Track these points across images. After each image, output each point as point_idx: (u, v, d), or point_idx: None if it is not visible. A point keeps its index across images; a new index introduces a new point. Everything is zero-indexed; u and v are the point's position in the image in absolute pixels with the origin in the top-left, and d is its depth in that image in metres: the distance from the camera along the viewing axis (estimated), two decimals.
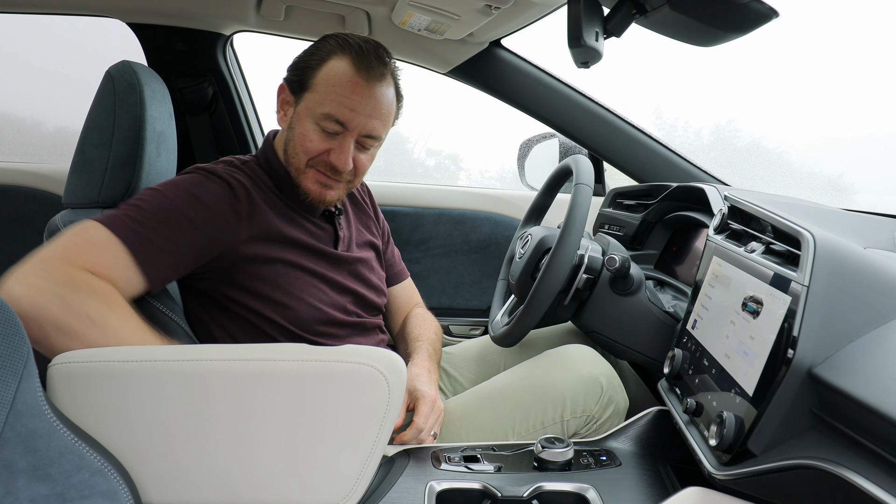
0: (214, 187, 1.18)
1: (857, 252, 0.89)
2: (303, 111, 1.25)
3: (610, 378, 1.33)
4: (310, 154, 1.25)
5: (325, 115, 1.21)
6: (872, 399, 0.69)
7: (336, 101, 1.21)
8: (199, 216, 1.14)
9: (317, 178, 1.27)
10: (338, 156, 1.24)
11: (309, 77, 1.24)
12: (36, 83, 4.27)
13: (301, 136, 1.24)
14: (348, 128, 1.23)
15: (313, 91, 1.23)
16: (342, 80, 1.21)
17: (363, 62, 1.22)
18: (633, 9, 1.02)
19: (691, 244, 1.63)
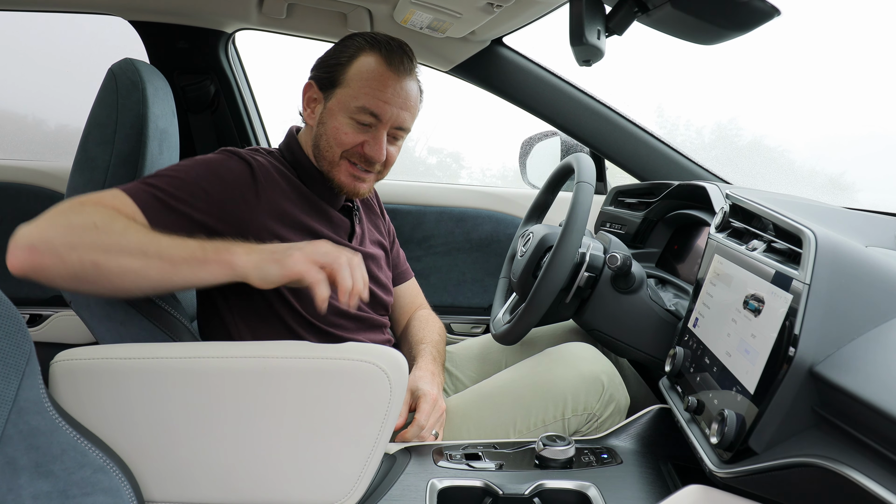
0: (235, 166, 1.20)
1: (858, 250, 0.89)
2: (335, 106, 1.28)
3: (611, 376, 1.33)
4: (344, 146, 1.28)
5: (360, 108, 1.25)
6: (873, 397, 0.69)
7: (370, 95, 1.25)
8: (215, 188, 1.15)
9: (350, 170, 1.30)
10: (372, 147, 1.28)
11: (339, 73, 1.28)
12: (38, 81, 4.28)
13: (335, 130, 1.27)
14: (382, 120, 1.26)
15: (345, 86, 1.27)
16: (375, 75, 1.26)
17: (393, 57, 1.27)
18: (635, 7, 1.02)
19: (693, 242, 1.63)
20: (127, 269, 0.94)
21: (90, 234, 0.93)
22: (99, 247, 0.93)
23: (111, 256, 0.93)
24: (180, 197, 1.11)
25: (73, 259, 0.91)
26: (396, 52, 1.28)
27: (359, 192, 1.33)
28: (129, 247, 0.94)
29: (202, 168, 1.17)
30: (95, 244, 0.93)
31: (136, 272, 0.95)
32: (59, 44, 3.59)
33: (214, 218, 1.14)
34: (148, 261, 0.95)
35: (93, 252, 0.92)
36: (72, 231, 0.93)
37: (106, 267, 0.93)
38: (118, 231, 0.96)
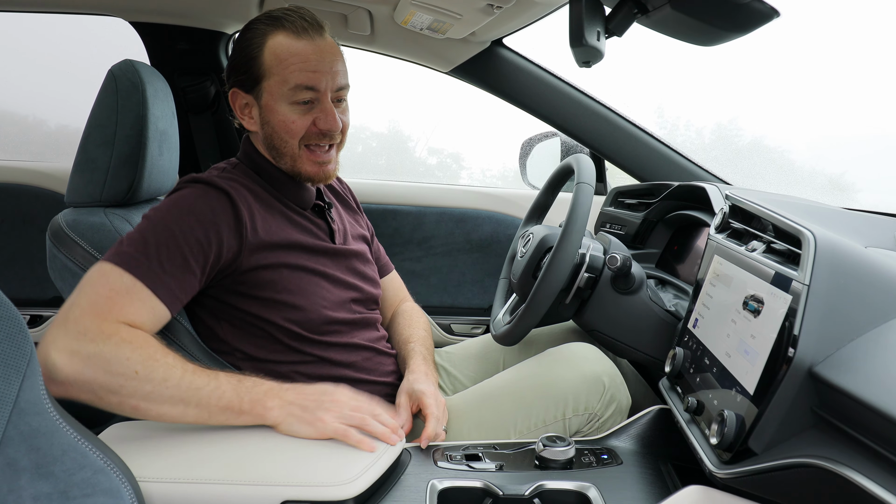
0: (214, 202, 1.18)
1: (857, 251, 0.89)
2: (269, 100, 1.25)
3: (612, 376, 1.33)
4: (298, 134, 1.26)
5: (294, 88, 1.22)
6: (873, 398, 0.69)
7: (297, 71, 1.21)
8: (204, 234, 1.14)
9: (311, 158, 1.28)
10: (325, 119, 1.25)
11: (257, 67, 1.24)
12: (38, 81, 4.28)
13: (282, 123, 1.25)
14: (320, 89, 1.23)
15: (270, 76, 1.23)
16: (291, 51, 1.22)
17: (297, 26, 1.23)
18: (635, 8, 1.02)
19: (693, 243, 1.63)
20: (164, 415, 1.00)
21: (131, 382, 0.97)
22: (139, 395, 0.98)
23: (151, 404, 0.99)
24: (177, 261, 1.11)
25: (113, 401, 0.98)
26: (298, 20, 1.24)
27: (328, 174, 1.32)
28: (169, 396, 0.99)
29: (186, 216, 1.14)
30: (136, 392, 0.97)
31: (174, 418, 1.01)
32: (60, 44, 3.60)
33: (211, 262, 1.16)
34: (186, 409, 1.00)
35: (133, 399, 0.98)
36: (112, 377, 0.96)
37: (145, 412, 0.99)
38: (158, 380, 0.98)
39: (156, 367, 0.98)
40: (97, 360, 0.96)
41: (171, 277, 1.09)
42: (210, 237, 1.14)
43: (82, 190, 1.27)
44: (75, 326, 0.98)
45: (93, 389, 0.95)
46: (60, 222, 1.22)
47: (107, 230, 1.22)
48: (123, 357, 0.97)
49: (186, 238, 1.12)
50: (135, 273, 1.06)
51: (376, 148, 6.71)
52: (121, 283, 1.05)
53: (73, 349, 0.95)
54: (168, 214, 1.14)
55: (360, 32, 1.92)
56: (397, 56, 2.09)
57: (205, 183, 1.20)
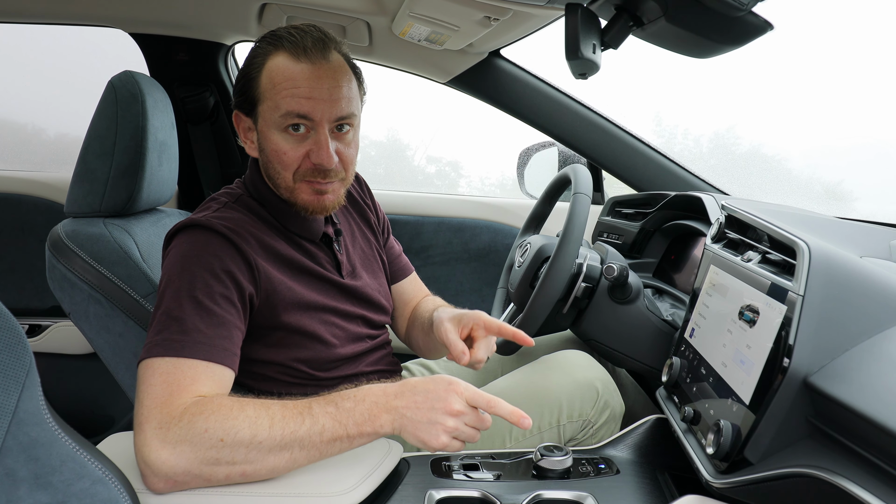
0: (217, 249, 1.09)
1: (852, 261, 0.90)
2: (263, 126, 1.16)
3: (605, 383, 1.33)
4: (291, 167, 1.15)
5: (285, 114, 1.11)
6: (867, 408, 0.69)
7: (290, 96, 1.10)
8: (224, 286, 1.07)
9: (309, 187, 1.17)
10: (318, 153, 1.13)
11: (254, 90, 1.15)
12: (37, 90, 4.29)
13: (274, 153, 1.15)
14: (314, 118, 1.12)
15: (264, 100, 1.14)
16: (286, 74, 1.11)
17: (298, 47, 1.11)
18: (631, 21, 1.03)
19: (689, 253, 1.64)
20: (277, 468, 0.94)
21: (224, 452, 0.90)
22: (240, 461, 0.91)
23: (256, 465, 0.92)
24: (217, 321, 1.04)
25: (221, 476, 0.92)
26: (302, 39, 1.12)
27: (326, 206, 1.19)
28: (269, 450, 0.92)
29: (200, 275, 1.06)
30: (235, 459, 0.91)
31: (287, 467, 0.94)
32: (59, 54, 3.61)
33: (241, 302, 1.10)
34: (293, 454, 0.93)
35: (237, 466, 0.91)
36: (203, 455, 0.90)
37: (256, 473, 0.93)
38: (248, 440, 0.91)
39: (238, 427, 0.91)
40: (181, 445, 0.89)
41: (215, 338, 1.02)
42: (229, 286, 1.08)
43: (82, 200, 1.27)
44: (149, 423, 0.92)
45: (196, 475, 0.90)
46: (60, 232, 1.23)
47: (106, 240, 1.23)
48: (201, 430, 0.90)
49: (211, 296, 1.05)
50: (179, 354, 0.98)
51: (375, 156, 6.72)
52: (172, 368, 0.97)
53: (163, 441, 0.90)
54: (180, 280, 1.05)
55: (358, 44, 1.93)
56: (395, 67, 2.10)
57: (202, 227, 1.11)
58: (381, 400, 0.97)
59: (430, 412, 0.96)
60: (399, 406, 0.96)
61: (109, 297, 1.18)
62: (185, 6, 1.86)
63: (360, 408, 0.95)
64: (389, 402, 0.96)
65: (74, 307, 1.22)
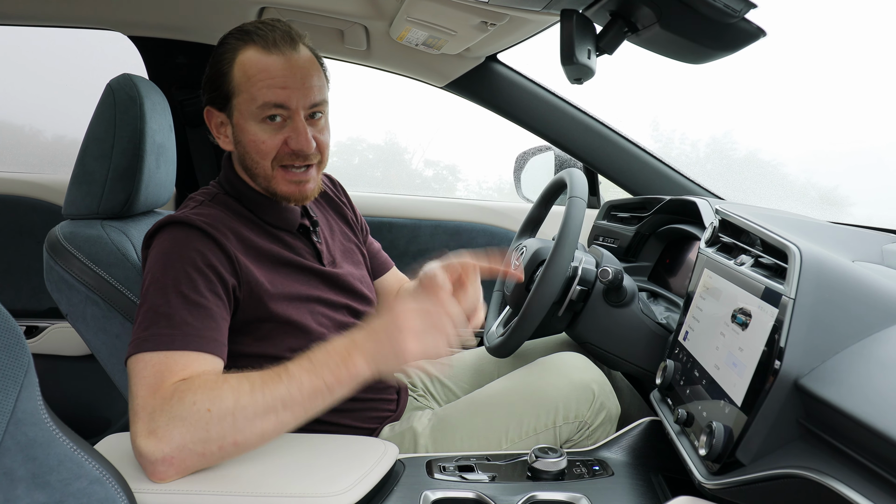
0: (197, 243, 1.11)
1: (843, 265, 0.91)
2: (239, 118, 1.19)
3: (601, 384, 1.34)
4: (269, 155, 1.19)
5: (262, 105, 1.15)
6: (856, 410, 0.70)
7: (264, 88, 1.15)
8: (206, 279, 1.09)
9: (287, 177, 1.22)
10: (296, 139, 1.18)
11: (227, 84, 1.19)
12: (35, 92, 4.29)
13: (252, 143, 1.19)
14: (290, 107, 1.16)
15: (239, 93, 1.18)
16: (259, 66, 1.15)
17: (268, 40, 1.16)
18: (625, 27, 1.04)
19: (684, 256, 1.65)
20: (265, 434, 0.96)
21: (214, 424, 0.92)
22: (229, 430, 0.92)
23: (246, 433, 0.94)
24: (203, 313, 1.05)
25: (215, 450, 0.93)
26: (269, 32, 1.17)
27: (306, 194, 1.24)
28: (253, 415, 0.93)
29: (183, 269, 1.08)
30: (224, 430, 0.92)
31: (275, 430, 0.96)
32: (58, 56, 3.61)
33: (226, 292, 1.12)
34: (278, 416, 0.95)
35: (227, 437, 0.92)
36: (194, 430, 0.91)
37: (246, 442, 0.95)
38: (232, 407, 0.93)
39: (222, 395, 0.93)
40: (173, 423, 0.91)
41: (204, 330, 1.04)
42: (213, 279, 1.10)
43: (80, 202, 1.28)
44: (143, 412, 0.93)
45: (191, 451, 0.91)
46: (58, 234, 1.23)
47: (104, 242, 1.23)
48: (189, 404, 0.91)
49: (196, 290, 1.06)
50: (170, 347, 1.00)
51: (373, 160, 6.72)
52: (163, 359, 0.98)
53: (151, 428, 0.91)
54: (165, 276, 1.07)
55: (356, 48, 1.94)
56: (393, 71, 2.11)
57: (182, 224, 1.13)
58: (349, 344, 0.99)
59: (390, 341, 0.98)
60: (367, 345, 0.99)
61: (107, 298, 1.19)
62: (184, 10, 1.87)
63: (332, 356, 0.98)
64: (358, 344, 0.99)
65: (72, 309, 1.22)
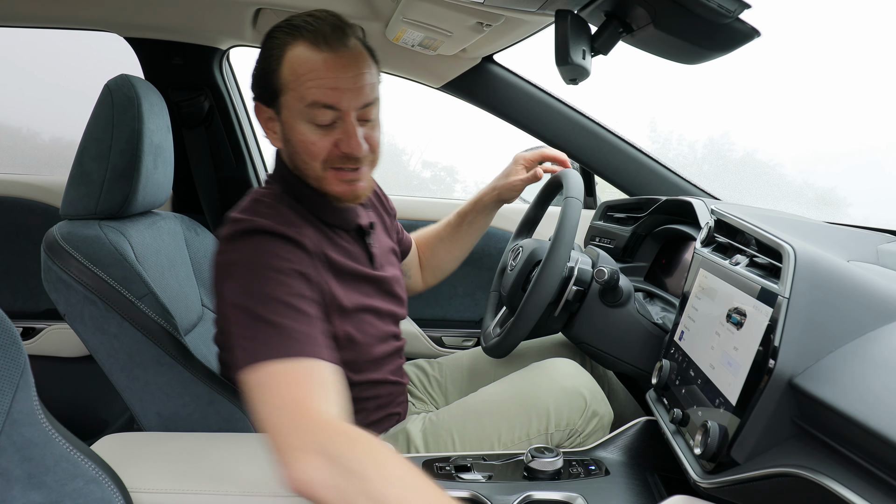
0: (286, 252, 1.07)
1: (838, 265, 0.91)
2: (288, 117, 1.14)
3: (593, 391, 1.34)
4: (319, 157, 1.14)
5: (311, 104, 1.10)
6: (850, 409, 0.71)
7: (315, 87, 1.09)
8: (309, 290, 1.06)
9: (339, 177, 1.16)
10: (348, 143, 1.12)
11: (275, 81, 1.13)
12: (32, 94, 4.29)
13: (301, 143, 1.13)
14: (341, 108, 1.10)
15: (287, 91, 1.12)
16: (310, 64, 1.09)
17: (319, 36, 1.09)
18: (620, 27, 1.04)
19: (680, 257, 1.65)
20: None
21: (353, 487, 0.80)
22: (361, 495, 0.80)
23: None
24: (304, 318, 1.00)
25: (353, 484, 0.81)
26: (321, 27, 1.10)
27: (358, 194, 1.19)
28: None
29: (274, 278, 1.02)
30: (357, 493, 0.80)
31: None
32: (55, 58, 3.61)
33: (320, 297, 1.09)
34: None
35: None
36: (340, 486, 0.81)
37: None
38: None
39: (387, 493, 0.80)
40: (327, 460, 0.82)
41: (316, 336, 0.99)
42: (307, 285, 1.06)
43: (77, 202, 1.28)
44: (289, 434, 0.85)
45: (328, 488, 0.81)
46: (55, 234, 1.23)
47: (101, 242, 1.23)
48: (350, 463, 0.81)
49: (297, 296, 1.02)
50: (289, 355, 0.93)
51: None
52: (286, 370, 0.92)
53: (305, 455, 0.83)
54: (259, 283, 1.01)
55: None
56: (389, 72, 2.11)
57: (269, 233, 1.08)
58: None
59: None
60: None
61: (105, 298, 1.19)
62: (180, 11, 1.87)
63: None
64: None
65: (70, 309, 1.22)
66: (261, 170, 2.30)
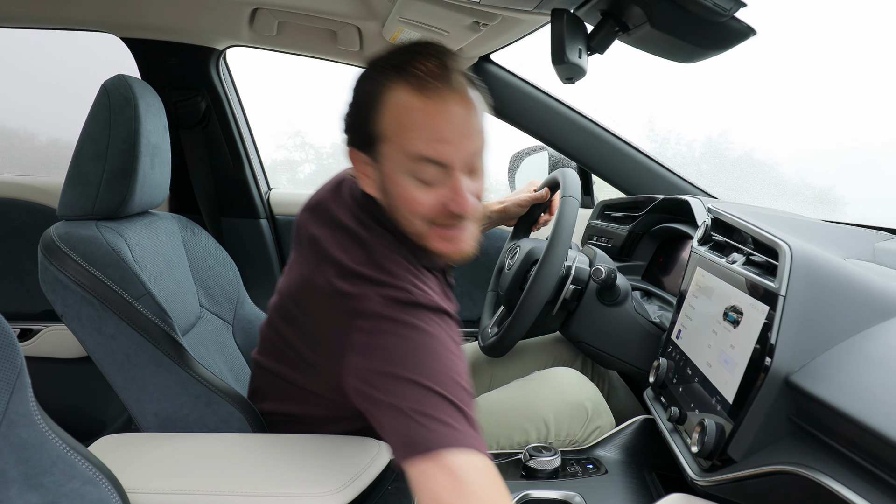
0: (453, 332, 1.00)
1: (834, 262, 0.91)
2: (388, 168, 1.01)
3: (595, 403, 1.34)
4: (424, 215, 1.02)
5: (416, 159, 0.97)
6: (846, 406, 0.71)
7: (420, 140, 0.96)
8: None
9: (442, 235, 1.05)
10: (456, 202, 0.99)
11: (373, 127, 1.00)
12: (29, 95, 4.28)
13: (403, 199, 1.01)
14: (449, 163, 0.98)
15: (388, 141, 0.99)
16: (414, 113, 0.96)
17: (421, 79, 0.96)
18: (616, 26, 1.04)
19: (678, 255, 1.65)
20: None
21: None
22: None
23: None
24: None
25: None
26: (424, 68, 0.97)
27: (464, 251, 1.08)
28: None
29: (456, 359, 0.94)
30: None
31: None
32: (51, 58, 3.61)
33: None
34: None
35: None
36: None
37: None
38: None
39: None
40: None
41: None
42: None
43: (74, 203, 1.28)
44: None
45: None
46: (52, 235, 1.23)
47: (98, 243, 1.23)
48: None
49: (466, 378, 0.94)
50: (478, 448, 0.85)
51: None
52: (481, 466, 0.83)
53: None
54: (439, 363, 0.91)
55: (349, 48, 1.94)
56: None
57: (435, 310, 1.00)
58: None
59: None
60: None
61: (102, 298, 1.18)
62: (176, 11, 1.87)
63: None
64: None
65: (67, 309, 1.22)
66: (257, 170, 2.30)
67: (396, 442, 0.86)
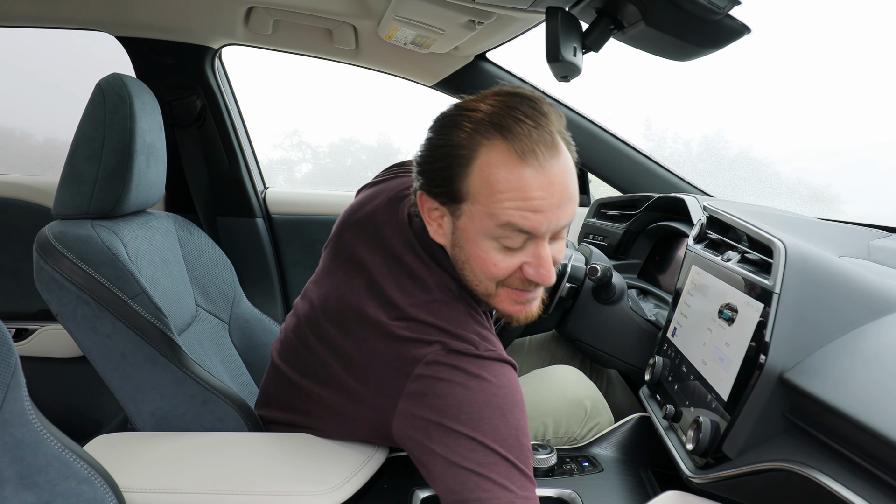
0: (517, 383, 0.95)
1: (828, 260, 0.91)
2: (467, 227, 0.93)
3: (595, 401, 1.34)
4: (499, 278, 0.95)
5: (504, 226, 0.90)
6: (840, 403, 0.71)
7: (513, 209, 0.88)
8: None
9: (513, 297, 0.98)
10: (537, 270, 0.93)
11: (459, 185, 0.91)
12: (25, 94, 4.27)
13: (479, 260, 0.94)
14: (538, 234, 0.91)
15: (473, 202, 0.91)
16: (510, 180, 0.87)
17: (522, 140, 0.87)
18: (611, 24, 1.05)
19: (673, 253, 1.66)
20: None
21: None
22: None
23: None
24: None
25: None
26: (527, 129, 0.88)
27: (531, 315, 1.01)
28: None
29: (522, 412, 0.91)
30: None
31: None
32: (47, 58, 3.60)
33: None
34: None
35: None
36: None
37: None
38: None
39: None
40: None
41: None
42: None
43: (69, 202, 1.27)
44: None
45: None
46: (48, 234, 1.23)
47: (94, 242, 1.23)
48: None
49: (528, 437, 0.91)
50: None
51: (366, 161, 6.70)
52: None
53: None
54: (502, 420, 0.87)
55: (345, 47, 1.94)
56: (382, 70, 2.11)
57: (507, 363, 0.95)
58: None
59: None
60: None
61: (97, 298, 1.18)
62: (171, 10, 1.87)
63: None
64: None
65: (62, 309, 1.22)
66: (253, 169, 2.30)
67: (446, 493, 0.84)
